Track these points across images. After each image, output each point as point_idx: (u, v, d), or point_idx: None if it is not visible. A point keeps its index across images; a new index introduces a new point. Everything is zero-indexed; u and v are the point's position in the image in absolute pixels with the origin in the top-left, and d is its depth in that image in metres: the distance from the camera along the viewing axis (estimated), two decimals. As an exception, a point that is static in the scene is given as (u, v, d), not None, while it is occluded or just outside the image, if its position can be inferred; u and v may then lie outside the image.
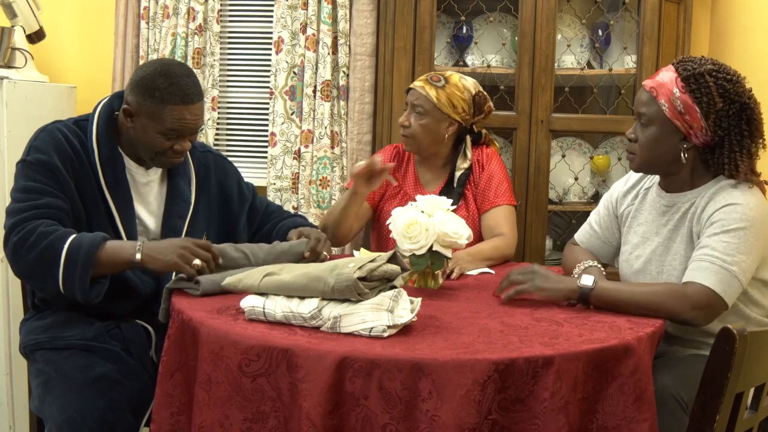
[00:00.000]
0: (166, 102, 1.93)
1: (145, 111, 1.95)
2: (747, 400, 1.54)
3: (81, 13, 3.41)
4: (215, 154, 2.28)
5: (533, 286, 1.82)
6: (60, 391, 1.82)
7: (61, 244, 1.82)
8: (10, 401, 2.79)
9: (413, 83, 2.53)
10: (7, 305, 2.77)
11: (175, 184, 2.11)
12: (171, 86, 1.93)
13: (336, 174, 3.14)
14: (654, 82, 1.88)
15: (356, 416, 1.41)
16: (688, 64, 1.86)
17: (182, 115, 1.94)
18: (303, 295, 1.61)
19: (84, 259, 1.82)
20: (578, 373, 1.47)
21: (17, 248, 1.84)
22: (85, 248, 1.82)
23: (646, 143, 1.89)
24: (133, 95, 1.97)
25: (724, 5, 3.06)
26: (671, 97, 1.84)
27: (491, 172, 2.52)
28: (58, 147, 1.94)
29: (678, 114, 1.84)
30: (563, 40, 3.00)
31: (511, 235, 2.45)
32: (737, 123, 1.83)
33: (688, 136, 1.85)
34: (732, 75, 1.84)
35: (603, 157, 3.08)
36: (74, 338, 1.94)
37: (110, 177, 2.00)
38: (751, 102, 1.84)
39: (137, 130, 1.98)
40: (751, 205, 1.80)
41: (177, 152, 2.00)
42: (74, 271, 1.82)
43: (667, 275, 1.90)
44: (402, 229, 1.92)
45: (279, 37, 3.13)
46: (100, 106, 2.05)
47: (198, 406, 1.54)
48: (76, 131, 1.99)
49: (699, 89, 1.82)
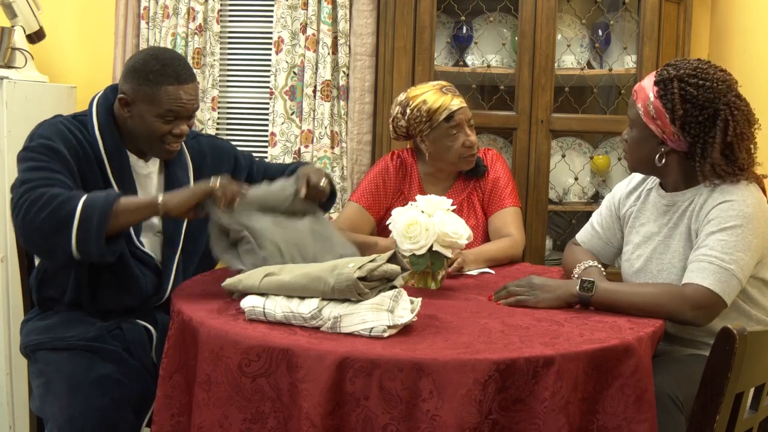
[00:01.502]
0: (160, 83, 1.94)
1: (142, 96, 1.95)
2: (747, 400, 1.54)
3: (81, 13, 3.41)
4: (205, 137, 2.29)
5: (533, 298, 1.82)
6: (62, 391, 1.82)
7: (75, 202, 1.78)
8: (10, 401, 2.79)
9: (452, 102, 2.41)
10: (7, 305, 2.77)
11: (173, 173, 2.11)
12: (164, 68, 1.94)
13: (336, 174, 3.14)
14: (637, 86, 1.91)
15: (357, 416, 1.41)
16: (668, 68, 1.87)
17: (178, 95, 1.95)
18: (303, 295, 1.61)
19: (102, 209, 1.79)
20: (579, 373, 1.47)
21: (27, 212, 1.78)
22: (101, 200, 1.80)
23: (630, 145, 1.94)
24: (127, 83, 1.97)
25: (724, 5, 3.06)
26: (646, 101, 1.86)
27: (497, 176, 2.52)
28: (62, 136, 1.94)
29: (651, 118, 1.86)
30: (563, 40, 3.00)
31: (518, 236, 2.44)
32: (710, 129, 1.81)
33: (663, 140, 1.86)
34: (706, 80, 1.81)
35: (603, 157, 3.08)
36: (75, 339, 1.94)
37: (116, 166, 2.00)
38: (728, 108, 1.80)
39: (135, 119, 1.98)
40: (748, 201, 1.79)
41: (176, 136, 1.99)
42: (90, 224, 1.77)
43: (667, 273, 1.90)
44: (402, 229, 1.92)
45: (279, 37, 3.13)
46: (95, 101, 2.05)
47: (197, 406, 1.54)
48: (77, 125, 1.99)
49: (666, 95, 1.83)
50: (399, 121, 2.47)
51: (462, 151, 2.44)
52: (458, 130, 2.42)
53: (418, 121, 2.42)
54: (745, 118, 1.84)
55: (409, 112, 2.43)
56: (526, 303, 1.81)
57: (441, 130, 2.41)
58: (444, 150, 2.44)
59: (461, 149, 2.43)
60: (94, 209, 1.78)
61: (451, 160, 2.46)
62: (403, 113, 2.45)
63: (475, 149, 2.46)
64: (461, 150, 2.43)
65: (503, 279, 2.10)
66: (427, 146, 2.46)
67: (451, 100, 2.42)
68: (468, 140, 2.43)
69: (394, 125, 2.50)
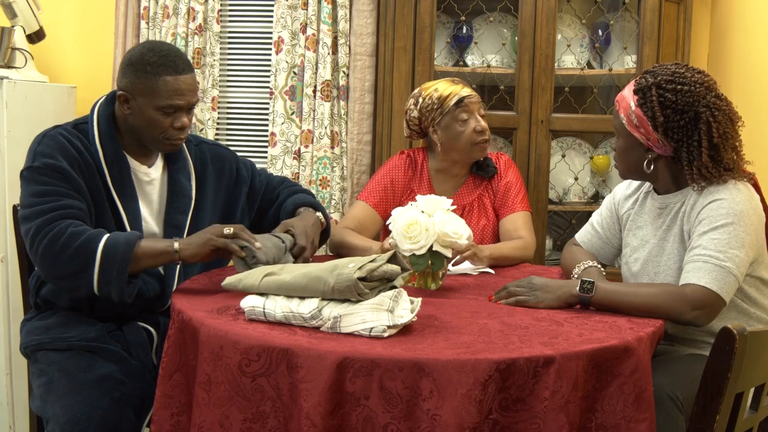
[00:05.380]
0: (158, 74, 1.93)
1: (140, 89, 1.95)
2: (747, 400, 1.54)
3: (81, 13, 3.41)
4: (209, 144, 2.27)
5: (533, 298, 1.82)
6: (63, 390, 1.82)
7: (95, 244, 1.82)
8: (10, 401, 2.79)
9: (463, 90, 2.45)
10: (7, 305, 2.77)
11: (176, 180, 2.11)
12: (161, 58, 1.94)
13: (336, 174, 3.14)
14: (619, 95, 1.92)
15: (357, 416, 1.41)
16: (646, 75, 1.88)
17: (177, 85, 1.95)
18: (303, 295, 1.61)
19: (122, 256, 1.82)
20: (579, 372, 1.47)
21: (47, 251, 1.82)
22: (122, 245, 1.83)
23: (618, 154, 1.96)
24: (125, 78, 1.97)
25: (724, 5, 3.06)
26: (628, 110, 1.88)
27: (509, 181, 2.53)
28: (62, 150, 1.93)
29: (635, 127, 1.87)
30: (563, 40, 3.00)
31: (530, 239, 2.45)
32: (693, 132, 1.82)
33: (649, 147, 1.87)
34: (684, 84, 1.82)
35: (603, 157, 3.09)
36: (76, 339, 1.94)
37: (116, 176, 2.00)
38: (708, 110, 1.81)
39: (135, 114, 1.97)
40: (738, 199, 1.80)
41: (177, 129, 1.99)
42: (111, 269, 1.82)
43: (664, 275, 1.91)
44: (402, 229, 1.92)
45: (279, 37, 3.13)
46: (97, 107, 2.05)
47: (198, 406, 1.54)
48: (77, 134, 1.98)
49: (645, 103, 1.84)
50: (411, 112, 2.50)
51: (473, 137, 2.44)
52: (469, 115, 2.44)
53: (429, 109, 2.46)
54: (728, 117, 1.85)
55: (421, 101, 2.47)
56: (526, 303, 1.82)
57: (452, 115, 2.44)
58: (455, 137, 2.45)
59: (472, 134, 2.44)
60: (115, 257, 1.82)
61: (462, 147, 2.46)
62: (415, 104, 2.49)
63: (487, 135, 2.46)
64: (472, 135, 2.44)
65: (503, 279, 2.10)
66: (439, 136, 2.47)
67: (462, 88, 2.46)
68: (479, 125, 2.44)
69: (407, 118, 2.53)
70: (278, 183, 2.34)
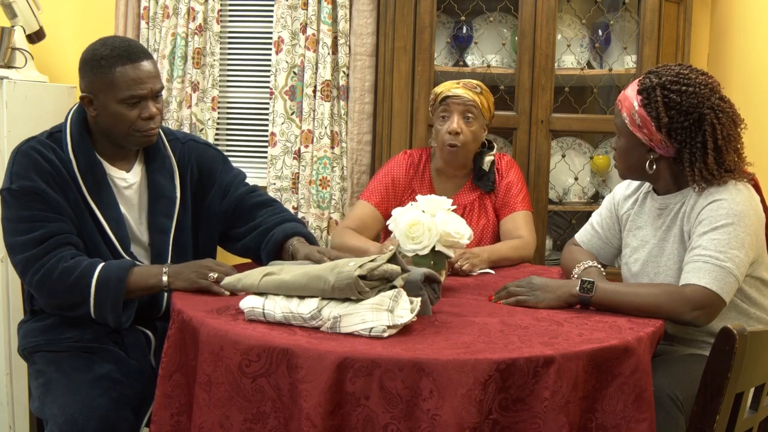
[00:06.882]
0: (113, 65, 1.90)
1: (99, 85, 1.92)
2: (747, 400, 1.54)
3: (81, 13, 3.41)
4: (198, 144, 2.20)
5: (533, 298, 1.82)
6: (61, 391, 1.82)
7: (88, 280, 1.85)
8: (10, 401, 2.79)
9: (452, 90, 2.44)
10: (7, 306, 2.77)
11: (156, 182, 2.06)
12: (113, 50, 1.91)
13: (336, 174, 3.14)
14: (621, 94, 1.92)
15: (357, 416, 1.41)
16: (650, 75, 1.87)
17: (134, 74, 1.91)
18: (303, 294, 1.60)
19: (114, 292, 1.85)
20: (579, 372, 1.47)
21: (41, 285, 1.87)
22: (114, 280, 1.85)
23: (618, 153, 1.95)
24: (84, 78, 1.95)
25: (724, 5, 3.06)
26: (631, 110, 1.87)
27: (510, 181, 2.53)
28: (36, 167, 1.90)
29: (637, 127, 1.87)
30: (563, 40, 3.00)
31: (530, 238, 2.46)
32: (696, 134, 1.82)
33: (651, 147, 1.87)
34: (689, 86, 1.82)
35: (603, 157, 3.08)
36: (73, 340, 1.94)
37: (91, 184, 1.96)
38: (712, 112, 1.81)
39: (101, 113, 1.94)
40: (737, 199, 1.80)
41: (146, 119, 1.95)
42: (105, 302, 1.86)
43: (664, 276, 1.91)
44: (405, 229, 1.91)
45: (279, 37, 3.13)
46: (70, 114, 2.02)
47: (198, 406, 1.54)
48: (50, 145, 1.95)
49: (650, 104, 1.84)
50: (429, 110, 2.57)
51: (445, 137, 2.45)
52: (448, 115, 2.44)
53: (430, 105, 2.53)
54: (731, 119, 1.85)
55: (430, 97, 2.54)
56: (526, 303, 1.82)
57: (437, 112, 2.47)
58: (435, 135, 2.50)
59: (444, 135, 2.45)
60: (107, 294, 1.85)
61: (439, 147, 2.48)
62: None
63: (459, 140, 2.42)
64: (445, 136, 2.45)
65: (503, 279, 2.10)
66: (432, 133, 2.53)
67: (457, 88, 2.45)
68: (451, 126, 2.42)
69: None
70: (261, 205, 2.18)
